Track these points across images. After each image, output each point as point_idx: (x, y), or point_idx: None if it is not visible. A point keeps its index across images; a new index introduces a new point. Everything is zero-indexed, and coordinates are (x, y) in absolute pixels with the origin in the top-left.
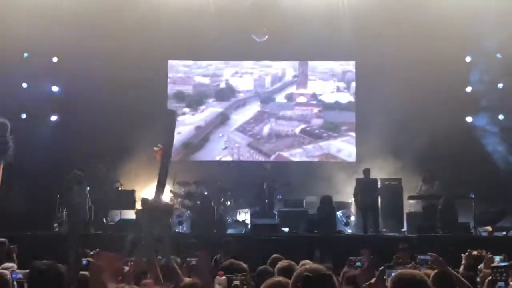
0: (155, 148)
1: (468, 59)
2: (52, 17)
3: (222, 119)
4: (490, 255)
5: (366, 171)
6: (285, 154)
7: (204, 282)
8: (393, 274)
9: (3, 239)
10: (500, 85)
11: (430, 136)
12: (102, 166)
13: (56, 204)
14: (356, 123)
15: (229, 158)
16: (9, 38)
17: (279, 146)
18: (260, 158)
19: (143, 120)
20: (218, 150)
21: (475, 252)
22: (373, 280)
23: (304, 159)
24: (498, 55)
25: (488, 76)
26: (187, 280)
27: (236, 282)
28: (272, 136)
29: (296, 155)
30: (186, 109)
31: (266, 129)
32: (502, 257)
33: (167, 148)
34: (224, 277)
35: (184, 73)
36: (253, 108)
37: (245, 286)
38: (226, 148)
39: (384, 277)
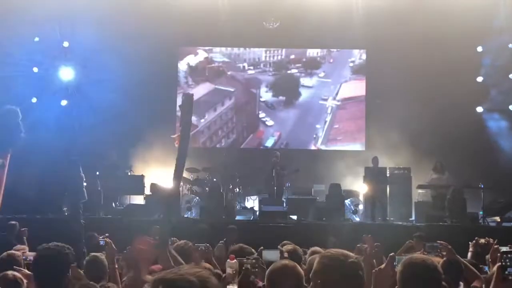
0: (172, 136)
1: (479, 49)
2: (64, 1)
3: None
4: (496, 246)
5: (375, 160)
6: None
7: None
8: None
9: (13, 222)
10: (511, 76)
11: (441, 126)
12: (113, 152)
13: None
14: (366, 111)
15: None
16: (21, 21)
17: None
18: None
19: (154, 105)
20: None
21: (482, 241)
22: (382, 266)
23: (313, 147)
24: (510, 45)
25: (500, 66)
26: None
27: (247, 266)
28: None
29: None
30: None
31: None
32: (508, 247)
33: (184, 131)
34: (235, 260)
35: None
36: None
37: (256, 269)
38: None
39: (394, 263)
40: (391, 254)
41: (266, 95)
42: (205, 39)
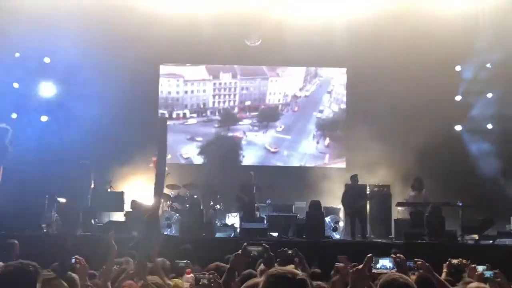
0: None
1: (458, 68)
2: (45, 17)
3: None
4: (473, 265)
5: (354, 177)
6: (276, 159)
7: None
8: (380, 261)
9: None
10: (489, 95)
11: (420, 144)
12: (91, 168)
13: (45, 205)
14: (346, 129)
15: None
16: (2, 37)
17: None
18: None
19: (134, 122)
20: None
21: (455, 261)
22: (360, 266)
23: (295, 164)
24: (488, 65)
25: (478, 86)
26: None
27: (204, 280)
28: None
29: (288, 160)
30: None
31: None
32: (485, 266)
33: (161, 154)
34: (191, 275)
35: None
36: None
37: (212, 285)
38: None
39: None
40: (369, 255)
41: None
42: (186, 56)
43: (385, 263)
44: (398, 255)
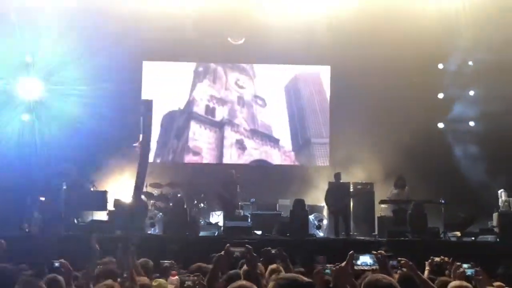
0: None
1: (440, 66)
2: (27, 16)
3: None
4: (458, 263)
5: (337, 175)
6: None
7: None
8: (361, 257)
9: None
10: (471, 92)
11: (403, 141)
12: (73, 167)
13: (27, 205)
14: (330, 127)
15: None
16: None
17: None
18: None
19: (118, 120)
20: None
21: (437, 259)
22: (343, 264)
23: (278, 162)
24: (470, 63)
25: (460, 83)
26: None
27: (189, 283)
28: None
29: (270, 158)
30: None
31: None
32: (470, 264)
33: (145, 139)
34: (176, 277)
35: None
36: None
37: (197, 287)
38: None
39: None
40: (350, 252)
41: None
42: (169, 53)
43: (365, 259)
44: (379, 251)
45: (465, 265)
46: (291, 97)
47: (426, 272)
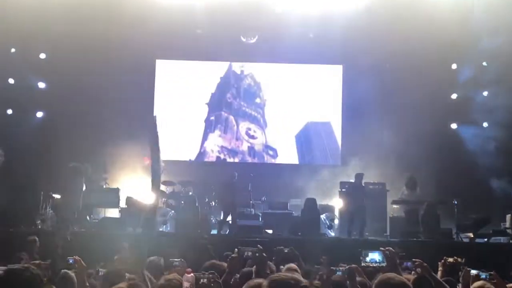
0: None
1: (454, 66)
2: (41, 13)
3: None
4: (468, 269)
5: (359, 176)
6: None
7: None
8: (369, 254)
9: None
10: (485, 93)
11: (415, 142)
12: (87, 164)
13: (40, 201)
14: (342, 126)
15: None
16: None
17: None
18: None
19: (130, 118)
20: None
21: (450, 260)
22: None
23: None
24: (484, 63)
25: (474, 84)
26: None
27: (204, 280)
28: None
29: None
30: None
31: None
32: (480, 271)
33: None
34: (192, 274)
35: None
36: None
37: (212, 284)
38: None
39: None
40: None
41: None
42: (182, 52)
43: (374, 256)
44: (387, 248)
45: (473, 271)
46: (302, 147)
47: (439, 273)
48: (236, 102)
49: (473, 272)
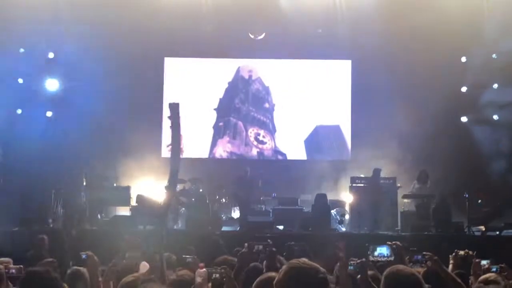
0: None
1: (463, 59)
2: (49, 12)
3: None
4: (477, 260)
5: (377, 171)
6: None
7: None
8: (377, 249)
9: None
10: (495, 86)
11: (426, 135)
12: (97, 163)
13: (51, 200)
14: (351, 121)
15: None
16: (6, 32)
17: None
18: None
19: (139, 117)
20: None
21: (461, 253)
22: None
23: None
24: (494, 56)
25: (484, 77)
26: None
27: (216, 275)
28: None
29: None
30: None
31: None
32: (489, 261)
33: (175, 141)
34: (204, 269)
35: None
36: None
37: (224, 279)
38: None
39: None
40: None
41: None
42: (190, 50)
43: (382, 250)
44: (394, 242)
45: (484, 262)
46: (312, 151)
47: (450, 266)
48: (244, 108)
49: (483, 262)
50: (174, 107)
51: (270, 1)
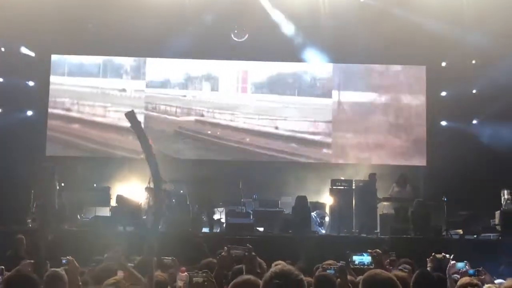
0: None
1: (443, 64)
2: (30, 11)
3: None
4: (453, 262)
5: (372, 176)
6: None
7: None
8: (357, 257)
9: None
10: (474, 91)
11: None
12: (77, 164)
13: (31, 199)
14: (332, 123)
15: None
16: None
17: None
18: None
19: (119, 115)
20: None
21: (439, 256)
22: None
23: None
24: (474, 61)
25: (463, 81)
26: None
27: (198, 279)
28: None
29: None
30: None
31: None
32: (464, 263)
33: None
34: (185, 273)
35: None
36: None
37: (206, 283)
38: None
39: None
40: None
41: None
42: (171, 50)
43: (363, 259)
44: (375, 250)
45: (459, 264)
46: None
47: (428, 269)
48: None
49: (460, 265)
50: (131, 115)
51: (252, 2)
